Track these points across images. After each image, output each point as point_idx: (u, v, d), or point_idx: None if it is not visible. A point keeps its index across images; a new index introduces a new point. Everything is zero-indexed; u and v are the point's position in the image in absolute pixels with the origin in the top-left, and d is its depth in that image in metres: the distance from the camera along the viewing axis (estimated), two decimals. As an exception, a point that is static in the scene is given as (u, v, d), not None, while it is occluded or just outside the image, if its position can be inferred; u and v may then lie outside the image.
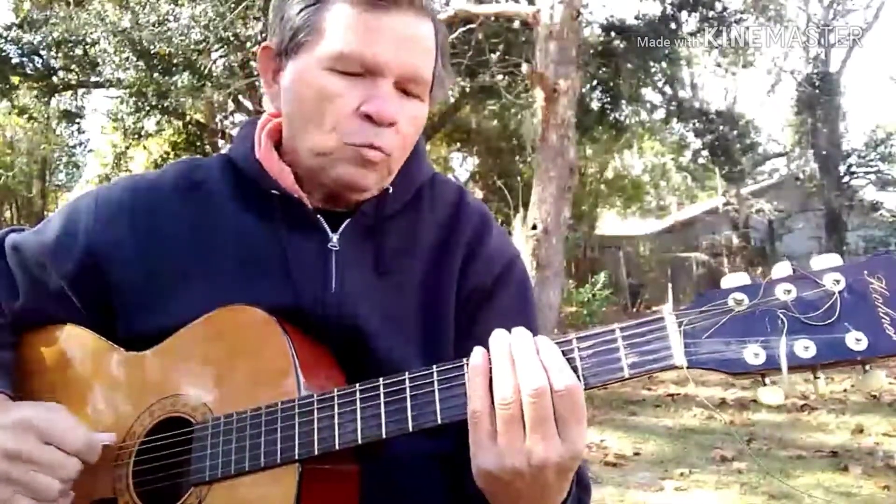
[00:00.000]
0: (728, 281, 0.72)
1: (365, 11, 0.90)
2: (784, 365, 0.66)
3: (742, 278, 0.72)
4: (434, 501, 0.95)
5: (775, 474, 4.48)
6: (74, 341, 1.01)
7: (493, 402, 0.75)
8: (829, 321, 0.67)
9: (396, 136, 0.94)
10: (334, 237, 0.98)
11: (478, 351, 0.78)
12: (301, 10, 0.94)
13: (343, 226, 0.99)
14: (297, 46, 0.95)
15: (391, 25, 0.91)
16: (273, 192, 0.98)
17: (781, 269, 0.70)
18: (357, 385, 0.83)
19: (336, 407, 0.82)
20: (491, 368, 0.76)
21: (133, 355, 0.97)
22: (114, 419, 0.95)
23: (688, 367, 0.70)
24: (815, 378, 0.68)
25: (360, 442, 0.81)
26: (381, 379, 0.82)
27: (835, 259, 0.69)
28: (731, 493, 4.21)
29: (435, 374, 0.80)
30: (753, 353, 0.68)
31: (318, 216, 0.98)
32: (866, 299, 0.67)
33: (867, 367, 0.67)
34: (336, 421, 0.81)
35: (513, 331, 0.78)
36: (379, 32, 0.91)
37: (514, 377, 0.74)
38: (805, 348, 0.67)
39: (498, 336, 0.78)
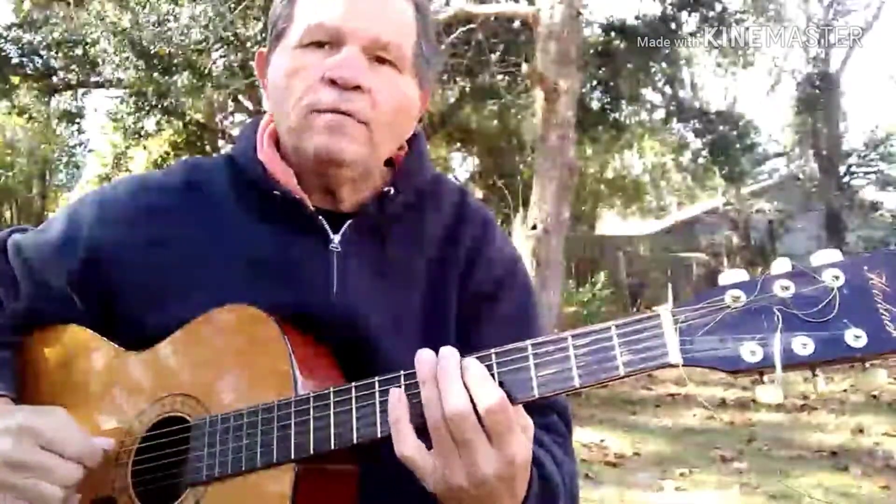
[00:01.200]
0: (726, 277, 0.71)
1: None
2: (779, 363, 0.64)
3: (740, 275, 0.71)
4: (434, 502, 0.94)
5: (775, 474, 4.48)
6: (76, 341, 1.01)
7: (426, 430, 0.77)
8: (828, 318, 0.66)
9: (369, 102, 0.93)
10: (336, 238, 0.98)
11: (394, 395, 0.78)
12: (280, 3, 0.98)
13: (344, 227, 0.99)
14: (277, 38, 0.98)
15: None
16: (275, 192, 0.98)
17: (780, 265, 0.70)
18: (353, 384, 0.82)
19: (332, 406, 0.82)
20: (412, 402, 0.78)
21: (133, 355, 0.97)
22: (113, 418, 0.95)
23: (683, 365, 0.69)
24: (814, 376, 0.67)
25: (355, 441, 0.80)
26: (376, 378, 0.81)
27: (834, 255, 0.68)
28: (731, 493, 4.21)
29: (430, 373, 0.79)
30: (750, 351, 0.67)
31: (320, 217, 0.98)
32: (866, 295, 0.65)
33: (867, 365, 0.66)
34: (332, 420, 0.81)
35: (440, 352, 0.78)
36: (344, 2, 0.93)
37: (440, 400, 0.76)
38: (803, 345, 0.65)
39: (422, 358, 0.78)
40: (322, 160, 0.94)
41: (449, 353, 0.78)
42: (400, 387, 0.79)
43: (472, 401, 0.75)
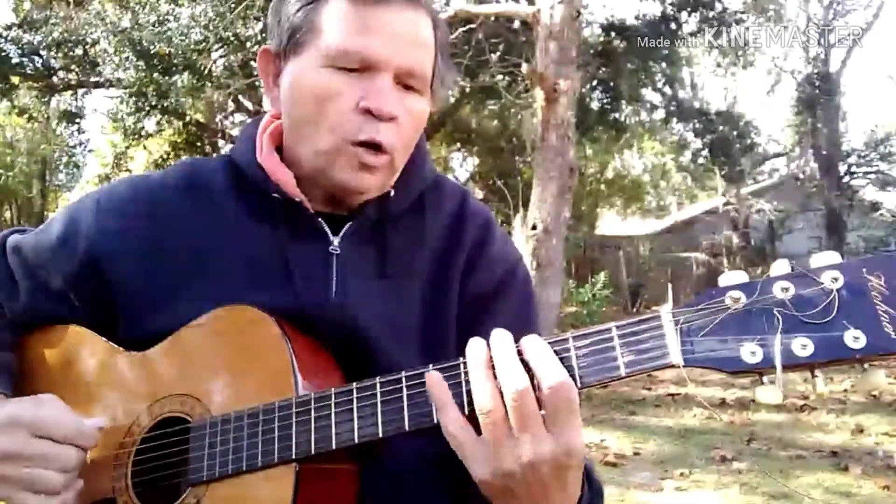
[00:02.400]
0: (726, 279, 0.71)
1: (362, 7, 0.90)
2: (779, 363, 0.65)
3: (740, 276, 0.71)
4: (434, 502, 0.94)
5: (775, 474, 4.48)
6: (75, 341, 1.01)
7: (473, 413, 0.75)
8: (828, 319, 0.66)
9: (398, 131, 0.93)
10: (336, 241, 0.98)
11: (432, 377, 0.78)
12: (298, 10, 0.94)
13: (345, 229, 0.98)
14: (295, 46, 0.94)
15: (388, 20, 0.91)
16: (275, 195, 0.97)
17: (780, 266, 0.70)
18: (354, 384, 0.82)
19: (333, 406, 0.82)
20: (462, 381, 0.77)
21: (133, 355, 0.97)
22: (113, 419, 0.95)
23: (684, 366, 0.69)
24: (813, 377, 0.68)
25: (356, 442, 0.80)
26: (377, 378, 0.82)
27: (833, 257, 0.69)
28: (731, 493, 4.22)
29: (431, 374, 0.79)
30: (750, 352, 0.68)
31: (320, 220, 0.98)
32: (865, 297, 0.66)
33: (866, 366, 0.67)
34: (333, 420, 0.81)
35: (492, 334, 0.77)
36: (376, 27, 0.90)
37: (492, 383, 0.74)
38: (802, 346, 0.66)
39: (473, 345, 0.77)
40: (346, 191, 0.96)
41: (504, 334, 0.76)
42: (406, 399, 0.79)
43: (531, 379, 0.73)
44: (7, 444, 0.85)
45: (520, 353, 0.75)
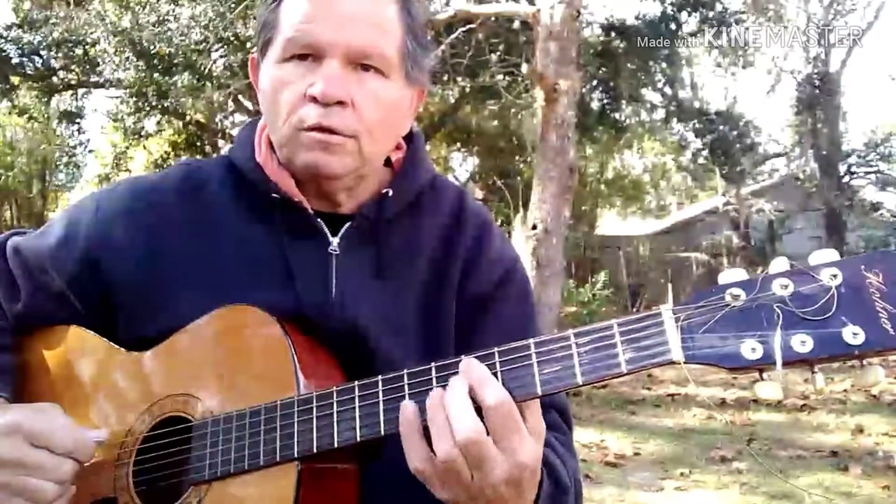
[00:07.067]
0: (725, 276, 0.72)
1: None
2: (779, 359, 0.65)
3: (739, 274, 0.72)
4: (434, 501, 0.95)
5: (775, 474, 4.48)
6: (76, 342, 1.02)
7: (435, 454, 0.76)
8: (826, 316, 0.67)
9: (354, 114, 0.93)
10: (334, 241, 0.98)
11: (406, 407, 0.78)
12: (265, 10, 0.98)
13: (343, 229, 0.99)
14: (264, 46, 0.98)
15: (336, 4, 0.92)
16: (273, 196, 0.98)
17: (779, 264, 0.71)
18: (356, 382, 0.83)
19: (335, 405, 0.82)
20: (424, 422, 0.77)
21: (134, 356, 0.98)
22: (115, 419, 0.96)
23: (685, 363, 0.70)
24: (813, 373, 0.68)
25: (358, 440, 0.81)
26: (379, 377, 0.82)
27: (832, 254, 0.69)
28: (731, 493, 4.21)
29: (433, 372, 0.80)
30: (750, 348, 0.68)
31: (319, 220, 0.98)
32: (863, 294, 0.67)
33: (864, 363, 0.67)
34: (335, 419, 0.82)
35: (450, 382, 0.77)
36: (322, 12, 0.92)
37: (451, 433, 0.75)
38: (802, 343, 0.67)
39: (433, 395, 0.78)
40: (312, 174, 0.96)
41: (457, 383, 0.77)
42: (409, 397, 0.80)
43: (478, 412, 0.75)
44: (4, 450, 0.86)
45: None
